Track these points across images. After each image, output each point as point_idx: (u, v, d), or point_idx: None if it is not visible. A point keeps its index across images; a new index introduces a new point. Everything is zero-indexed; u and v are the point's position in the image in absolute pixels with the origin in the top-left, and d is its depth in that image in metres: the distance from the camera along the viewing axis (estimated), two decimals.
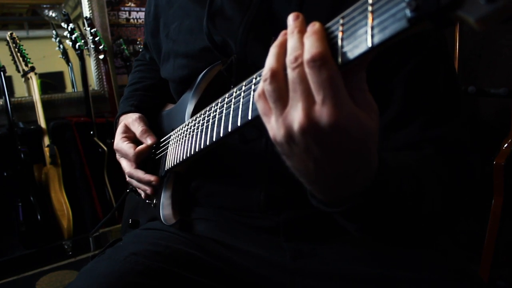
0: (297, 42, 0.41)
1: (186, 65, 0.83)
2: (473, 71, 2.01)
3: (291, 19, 0.43)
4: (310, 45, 0.39)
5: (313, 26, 0.41)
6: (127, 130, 0.93)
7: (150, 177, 0.87)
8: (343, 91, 0.39)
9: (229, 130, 0.58)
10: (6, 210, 2.23)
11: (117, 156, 0.94)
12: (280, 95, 0.42)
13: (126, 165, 0.91)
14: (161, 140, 0.92)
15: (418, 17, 0.32)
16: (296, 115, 0.40)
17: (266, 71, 0.42)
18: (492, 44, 1.92)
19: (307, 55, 0.39)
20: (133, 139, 0.92)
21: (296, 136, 0.41)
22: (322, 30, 0.40)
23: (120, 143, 0.91)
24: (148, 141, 0.89)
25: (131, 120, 0.93)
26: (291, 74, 0.40)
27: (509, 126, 1.50)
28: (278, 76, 0.42)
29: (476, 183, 0.67)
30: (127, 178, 0.93)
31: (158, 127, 0.97)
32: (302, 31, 0.42)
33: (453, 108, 0.68)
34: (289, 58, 0.41)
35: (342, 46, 0.39)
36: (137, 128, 0.91)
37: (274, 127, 0.43)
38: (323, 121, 0.39)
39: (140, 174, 0.88)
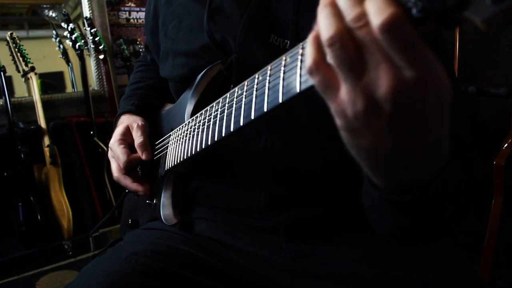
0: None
1: (185, 63, 0.83)
2: (473, 71, 2.01)
3: None
4: (378, 6, 0.33)
5: None
6: (127, 133, 0.92)
7: (138, 187, 0.88)
8: (429, 52, 0.34)
9: (231, 130, 0.57)
10: (6, 210, 2.23)
11: (109, 154, 0.94)
12: (354, 61, 0.35)
13: (115, 169, 0.91)
14: (161, 140, 0.92)
15: (425, 17, 0.32)
16: (382, 80, 0.35)
17: (331, 32, 0.35)
18: (492, 44, 1.92)
19: (377, 20, 0.33)
20: (130, 144, 0.91)
21: (384, 104, 0.35)
22: None
23: (116, 144, 0.90)
24: (143, 156, 0.87)
25: (135, 126, 0.91)
26: (360, 35, 0.35)
27: (509, 126, 1.50)
28: (348, 39, 0.35)
29: (476, 180, 0.67)
30: (115, 179, 0.93)
31: (158, 126, 0.97)
32: None
33: (453, 107, 0.68)
34: (350, 17, 0.35)
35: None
36: (138, 137, 0.89)
37: (346, 100, 0.37)
38: (418, 84, 0.34)
39: (128, 182, 0.89)
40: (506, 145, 1.48)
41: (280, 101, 0.46)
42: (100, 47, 2.55)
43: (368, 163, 0.43)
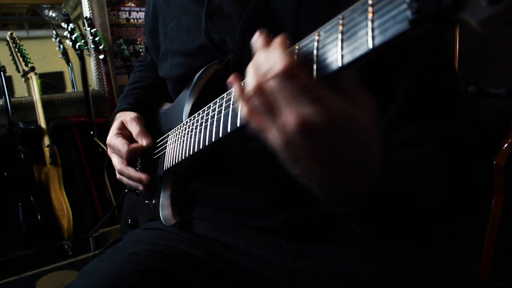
0: (264, 56, 0.44)
1: (183, 63, 0.83)
2: (473, 71, 2.01)
3: (254, 39, 0.47)
4: (276, 60, 0.41)
5: (276, 40, 0.44)
6: (123, 127, 0.93)
7: (141, 175, 0.87)
8: (323, 91, 0.40)
9: (228, 130, 0.57)
10: (6, 210, 2.23)
11: (109, 151, 0.93)
12: (269, 107, 0.43)
13: (117, 162, 0.90)
14: (159, 140, 0.92)
15: (420, 19, 0.32)
16: (288, 118, 0.42)
17: (248, 89, 0.44)
18: (492, 44, 1.92)
19: (274, 71, 0.41)
20: (128, 137, 0.91)
21: (296, 139, 0.42)
22: (283, 43, 0.43)
23: (113, 138, 0.90)
24: (144, 142, 0.88)
25: (129, 119, 0.92)
26: (269, 86, 0.42)
27: (509, 126, 1.50)
28: (261, 91, 0.43)
29: (473, 179, 0.68)
30: (117, 176, 0.92)
31: (155, 126, 0.97)
32: (266, 46, 0.45)
33: (454, 106, 0.69)
34: (262, 72, 0.43)
35: (342, 48, 0.39)
36: (134, 128, 0.90)
37: (273, 138, 0.44)
38: (316, 119, 0.40)
39: (131, 171, 0.88)
40: (506, 145, 1.47)
41: None
42: (100, 47, 2.55)
43: (312, 186, 0.49)
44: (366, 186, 0.48)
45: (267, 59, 0.43)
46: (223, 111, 0.60)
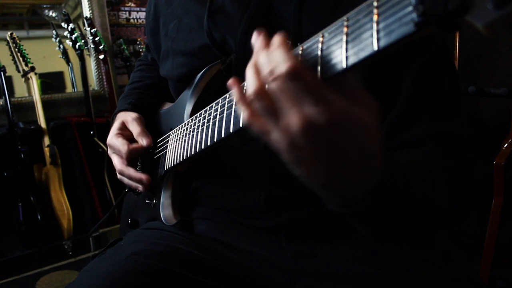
0: (265, 57, 0.43)
1: (185, 63, 0.83)
2: (473, 71, 2.01)
3: (253, 40, 0.46)
4: (280, 61, 0.41)
5: (277, 39, 0.43)
6: (124, 127, 0.93)
7: (141, 175, 0.87)
8: (327, 92, 0.40)
9: (231, 131, 0.57)
10: (6, 210, 2.23)
11: (109, 151, 0.93)
12: (272, 109, 0.43)
13: (118, 162, 0.90)
14: (160, 140, 0.92)
15: (426, 21, 0.32)
16: (292, 120, 0.42)
17: (249, 92, 0.44)
18: (492, 44, 1.92)
19: (278, 71, 0.41)
20: (128, 138, 0.91)
21: (299, 140, 0.42)
22: (284, 44, 0.43)
23: (114, 138, 0.90)
24: (144, 142, 0.88)
25: (130, 119, 0.92)
26: (272, 86, 0.42)
27: (509, 126, 1.50)
28: (263, 93, 0.43)
29: (473, 180, 0.68)
30: (118, 176, 0.92)
31: (156, 126, 0.97)
32: (266, 47, 0.44)
33: (455, 106, 0.69)
34: (264, 73, 0.43)
35: (347, 49, 0.39)
36: (135, 128, 0.90)
37: (277, 140, 0.44)
38: (319, 119, 0.40)
39: (131, 171, 0.88)
40: (506, 145, 1.47)
41: None
42: (100, 47, 2.55)
43: (316, 187, 0.49)
44: (369, 186, 0.48)
45: (269, 59, 0.43)
46: (225, 112, 0.60)
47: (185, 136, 0.77)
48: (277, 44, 0.43)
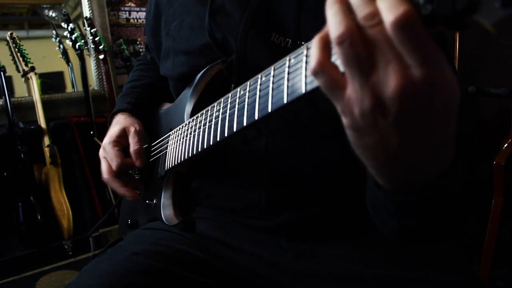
0: None
1: (186, 62, 0.83)
2: (473, 71, 2.01)
3: None
4: (391, 4, 0.33)
5: None
6: (123, 135, 0.91)
7: (126, 192, 0.87)
8: (439, 53, 0.34)
9: (234, 130, 0.57)
10: (6, 210, 2.23)
11: (101, 152, 0.91)
12: (363, 59, 0.35)
13: (105, 170, 0.89)
14: (159, 140, 0.92)
15: (434, 20, 0.32)
16: (390, 79, 0.35)
17: (340, 30, 0.35)
18: (493, 44, 1.92)
19: (389, 16, 0.33)
20: (124, 147, 0.90)
21: (391, 103, 0.35)
22: None
23: (110, 146, 0.88)
24: (137, 163, 0.87)
25: (132, 130, 0.90)
26: (372, 33, 0.35)
27: (509, 126, 1.50)
28: (357, 37, 0.35)
29: (476, 180, 0.67)
30: (103, 179, 0.90)
31: (155, 125, 0.97)
32: None
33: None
34: (362, 14, 0.35)
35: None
36: (134, 144, 0.88)
37: (353, 99, 0.37)
38: (426, 84, 0.34)
39: (116, 185, 0.88)
40: (506, 145, 1.48)
41: (285, 101, 0.46)
42: (100, 47, 2.55)
43: (373, 163, 0.43)
44: (437, 173, 0.43)
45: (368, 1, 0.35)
46: (228, 111, 0.60)
47: (186, 136, 0.76)
48: None
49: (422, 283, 0.64)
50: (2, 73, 2.21)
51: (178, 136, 0.81)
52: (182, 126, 0.80)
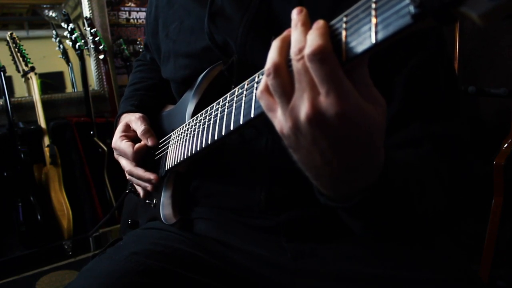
0: (301, 34, 0.41)
1: (188, 65, 0.83)
2: (473, 71, 2.01)
3: (295, 13, 0.43)
4: (312, 39, 0.39)
5: (317, 23, 0.41)
6: (127, 129, 0.92)
7: (150, 175, 0.87)
8: (346, 83, 0.39)
9: (231, 128, 0.58)
10: (6, 210, 2.23)
11: (115, 154, 0.93)
12: (285, 88, 0.42)
13: (126, 164, 0.90)
14: (161, 140, 0.92)
15: (422, 13, 0.32)
16: (302, 106, 0.41)
17: (269, 65, 0.43)
18: (492, 45, 1.92)
19: (308, 49, 0.39)
20: (133, 138, 0.91)
21: (303, 127, 0.41)
22: (325, 26, 0.40)
23: (118, 141, 0.90)
24: (149, 142, 0.88)
25: (133, 119, 0.92)
26: (296, 65, 0.41)
27: (509, 126, 1.50)
28: (282, 70, 0.42)
29: (472, 181, 0.67)
30: (127, 176, 0.92)
31: (158, 127, 0.97)
32: (305, 24, 0.42)
33: (453, 106, 0.69)
34: (293, 50, 0.41)
35: (346, 43, 0.39)
36: (139, 127, 0.90)
37: (281, 120, 0.44)
38: (329, 111, 0.39)
39: (140, 172, 0.88)
40: (506, 145, 1.47)
41: None
42: (100, 47, 2.55)
43: (309, 174, 0.48)
44: (367, 183, 0.47)
45: (302, 38, 0.41)
46: (225, 111, 0.61)
47: (186, 136, 0.77)
48: (317, 26, 0.41)
49: (421, 283, 0.64)
50: (2, 73, 2.21)
51: (178, 136, 0.81)
52: (183, 127, 0.80)
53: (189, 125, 0.77)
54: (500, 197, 1.45)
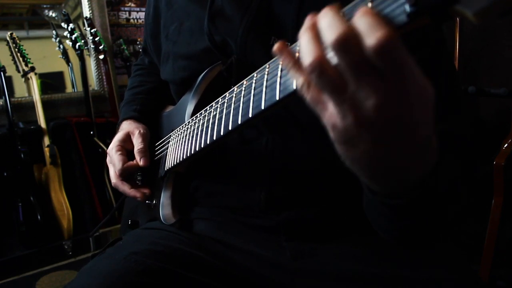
0: (339, 21, 0.35)
1: (187, 66, 0.83)
2: (473, 71, 2.01)
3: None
4: (371, 28, 0.33)
5: (363, 8, 0.35)
6: (127, 139, 0.91)
7: (135, 193, 0.87)
8: (416, 68, 0.36)
9: (230, 128, 0.58)
10: (6, 210, 2.23)
11: (107, 159, 0.93)
12: (335, 82, 0.36)
13: (113, 175, 0.90)
14: (161, 141, 0.92)
15: (418, 11, 0.32)
16: (369, 95, 0.35)
17: (307, 62, 0.37)
18: (493, 44, 1.92)
19: (371, 40, 0.33)
20: (128, 151, 0.91)
21: (372, 118, 0.36)
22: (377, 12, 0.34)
23: (113, 150, 0.89)
24: (141, 162, 0.87)
25: (136, 133, 0.90)
26: (346, 59, 0.35)
27: (509, 126, 1.50)
28: (326, 65, 0.36)
29: (474, 179, 0.67)
30: (112, 184, 0.92)
31: (158, 128, 0.97)
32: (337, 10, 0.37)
33: (455, 104, 0.69)
34: (330, 40, 0.35)
35: None
36: (138, 144, 0.89)
37: (334, 114, 0.38)
38: (407, 97, 0.35)
39: (125, 188, 0.88)
40: (506, 145, 1.47)
41: (277, 98, 0.46)
42: (100, 47, 2.55)
43: (363, 172, 0.44)
44: (423, 175, 0.45)
45: (339, 23, 0.35)
46: (224, 110, 0.61)
47: (186, 136, 0.77)
48: (365, 10, 0.34)
49: (421, 282, 0.64)
50: (2, 73, 2.21)
51: (178, 136, 0.81)
52: (182, 127, 0.80)
53: (188, 125, 0.77)
54: (500, 197, 1.45)
